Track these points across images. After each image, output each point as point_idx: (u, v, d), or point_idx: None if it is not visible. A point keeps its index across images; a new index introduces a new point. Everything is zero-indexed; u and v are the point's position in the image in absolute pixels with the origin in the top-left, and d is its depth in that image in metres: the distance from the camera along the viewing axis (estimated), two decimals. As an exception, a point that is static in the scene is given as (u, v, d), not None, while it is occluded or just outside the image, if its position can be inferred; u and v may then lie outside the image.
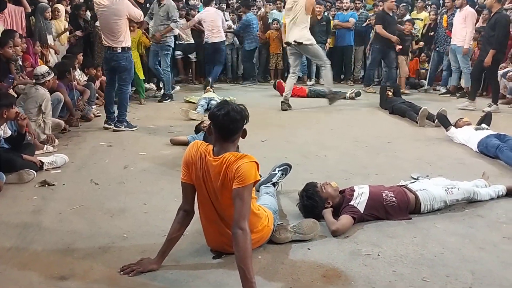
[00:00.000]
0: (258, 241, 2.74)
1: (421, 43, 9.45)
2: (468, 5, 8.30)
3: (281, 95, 8.58)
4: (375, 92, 8.68)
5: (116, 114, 5.93)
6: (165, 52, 7.85)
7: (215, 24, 8.95)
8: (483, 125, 5.28)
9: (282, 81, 8.98)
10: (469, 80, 8.20)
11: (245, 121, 2.51)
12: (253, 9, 10.56)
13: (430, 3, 11.19)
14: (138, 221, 3.22)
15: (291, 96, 8.51)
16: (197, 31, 9.69)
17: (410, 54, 9.53)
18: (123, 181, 4.05)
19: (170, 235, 2.61)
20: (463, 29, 8.13)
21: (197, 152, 2.54)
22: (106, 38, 5.67)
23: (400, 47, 8.82)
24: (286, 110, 7.29)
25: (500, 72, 8.20)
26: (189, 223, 2.66)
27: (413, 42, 9.35)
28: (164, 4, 7.57)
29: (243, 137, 2.57)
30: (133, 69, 6.07)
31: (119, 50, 5.62)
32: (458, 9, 8.34)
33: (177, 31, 8.43)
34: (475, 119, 5.62)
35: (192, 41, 9.65)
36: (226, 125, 2.45)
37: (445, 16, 9.19)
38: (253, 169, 2.42)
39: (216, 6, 10.23)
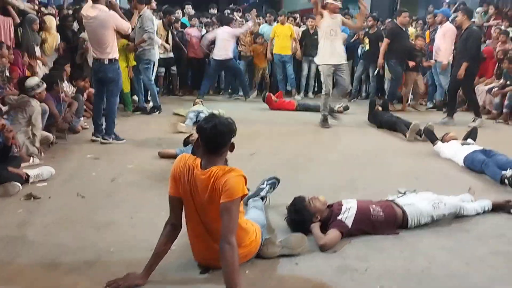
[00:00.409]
0: (246, 256, 2.73)
1: (432, 61, 8.78)
2: (448, 21, 8.46)
3: (270, 108, 8.66)
4: (400, 110, 8.53)
5: (104, 126, 5.90)
6: (144, 66, 7.71)
7: (225, 43, 9.13)
8: (469, 140, 5.34)
9: (271, 94, 9.01)
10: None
11: (233, 135, 2.52)
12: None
13: (416, 18, 11.39)
14: (125, 235, 3.19)
15: (279, 109, 8.59)
16: (178, 44, 9.76)
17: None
18: (110, 194, 4.02)
19: (157, 249, 2.59)
20: (442, 45, 8.29)
21: (185, 166, 2.54)
22: (93, 50, 5.71)
23: (414, 63, 8.66)
24: (327, 127, 7.04)
25: (485, 88, 8.37)
26: (176, 237, 2.65)
27: (423, 59, 8.95)
28: (141, 15, 7.57)
29: (231, 150, 2.58)
30: (121, 81, 6.05)
31: (106, 61, 5.64)
32: (439, 25, 8.49)
33: (158, 42, 8.38)
34: (461, 133, 5.68)
35: (172, 54, 9.68)
36: (213, 138, 2.47)
37: (427, 32, 9.34)
38: (241, 183, 2.42)
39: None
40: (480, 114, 7.42)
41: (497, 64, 8.57)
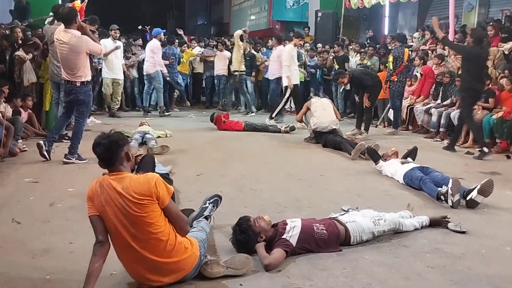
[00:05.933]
0: (184, 267, 2.71)
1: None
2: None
3: (218, 128, 8.66)
4: None
5: (68, 146, 5.86)
6: None
7: None
8: (409, 159, 5.56)
9: (221, 114, 9.02)
10: None
11: (119, 145, 2.63)
12: None
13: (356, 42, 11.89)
14: (63, 262, 3.06)
15: (227, 130, 8.61)
16: None
17: None
18: (48, 219, 3.84)
19: (89, 270, 2.54)
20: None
21: (97, 182, 2.64)
22: (64, 73, 5.66)
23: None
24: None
25: (423, 108, 8.78)
26: (106, 254, 2.61)
27: None
28: None
29: (128, 160, 2.68)
30: (91, 102, 6.16)
31: (78, 84, 5.63)
32: None
33: None
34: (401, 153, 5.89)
35: None
36: (102, 154, 2.62)
37: None
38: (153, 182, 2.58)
39: None
40: (368, 130, 8.36)
41: (434, 85, 9.03)
